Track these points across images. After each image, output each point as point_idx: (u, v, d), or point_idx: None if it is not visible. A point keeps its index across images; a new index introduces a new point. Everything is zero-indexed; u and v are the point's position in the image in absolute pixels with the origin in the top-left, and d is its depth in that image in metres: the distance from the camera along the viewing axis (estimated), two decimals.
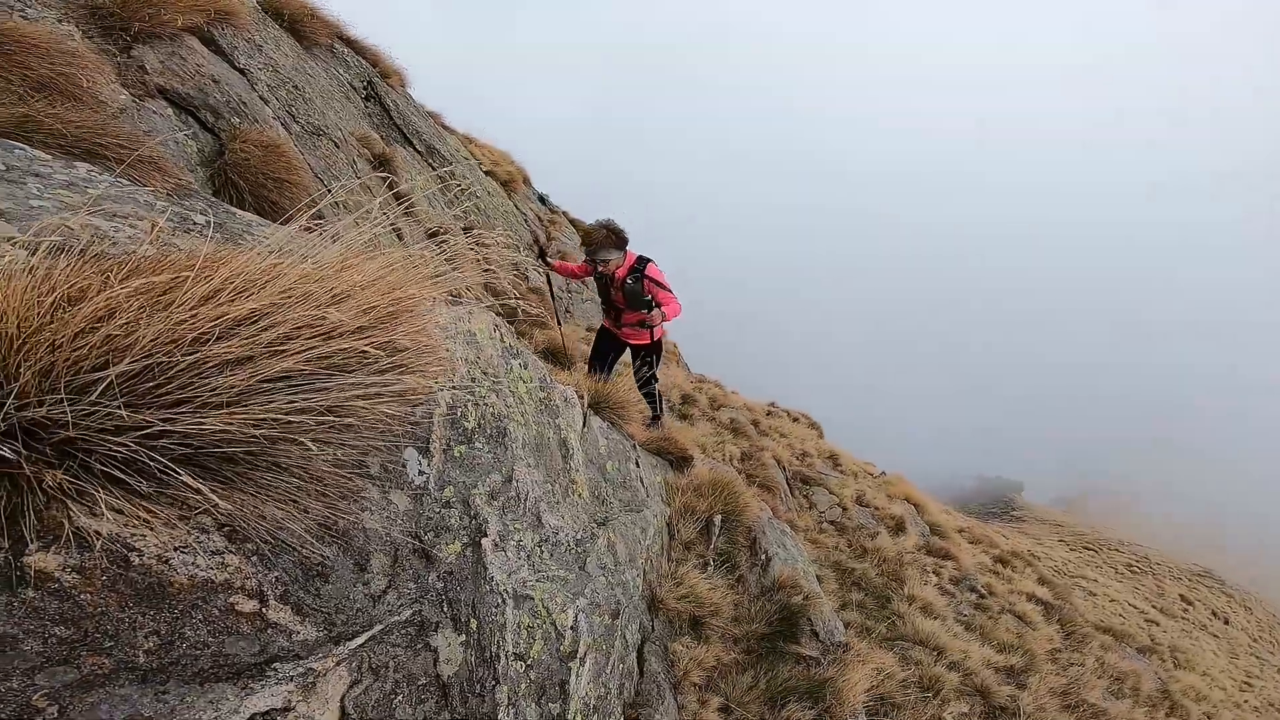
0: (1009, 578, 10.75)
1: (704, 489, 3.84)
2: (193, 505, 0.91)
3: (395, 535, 1.41)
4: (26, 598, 0.83)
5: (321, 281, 1.00)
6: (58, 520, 0.84)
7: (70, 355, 0.78)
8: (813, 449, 10.82)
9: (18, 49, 3.01)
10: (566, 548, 2.06)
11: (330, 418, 0.99)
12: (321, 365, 0.95)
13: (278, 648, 1.10)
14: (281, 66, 5.48)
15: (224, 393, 0.84)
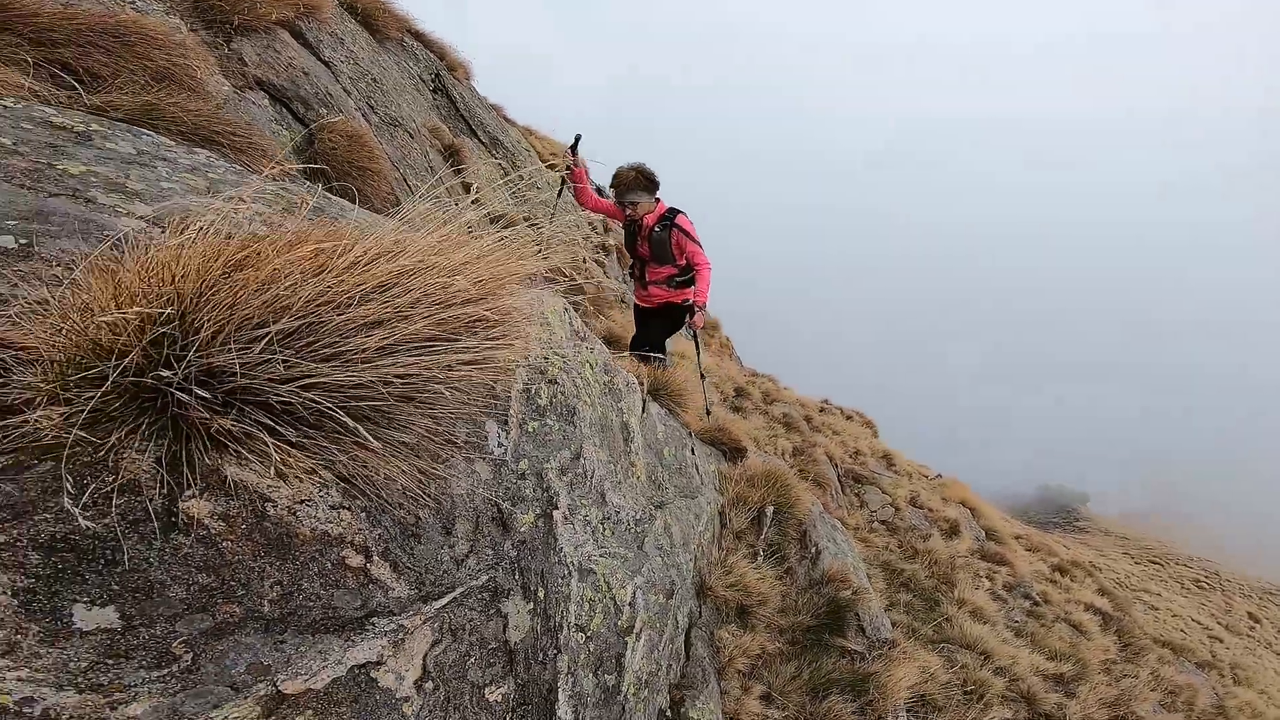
0: (1066, 587, 10.45)
1: (757, 480, 3.88)
2: (325, 458, 1.03)
3: (477, 502, 1.52)
4: (178, 543, 0.95)
5: (440, 254, 1.10)
6: (211, 468, 0.96)
7: (241, 313, 0.90)
8: (866, 448, 10.70)
9: (139, 41, 3.24)
10: (627, 526, 2.15)
11: (445, 383, 1.09)
12: (441, 330, 1.06)
13: (376, 603, 1.22)
14: (360, 59, 5.72)
15: (364, 351, 0.95)
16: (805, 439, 8.38)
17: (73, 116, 2.25)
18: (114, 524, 0.88)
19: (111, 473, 0.90)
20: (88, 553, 0.87)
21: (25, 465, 0.86)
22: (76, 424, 0.86)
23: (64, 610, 0.83)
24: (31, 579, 0.82)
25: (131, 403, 0.90)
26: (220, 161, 2.32)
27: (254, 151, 2.44)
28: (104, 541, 0.88)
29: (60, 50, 2.94)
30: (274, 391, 0.92)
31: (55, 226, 1.59)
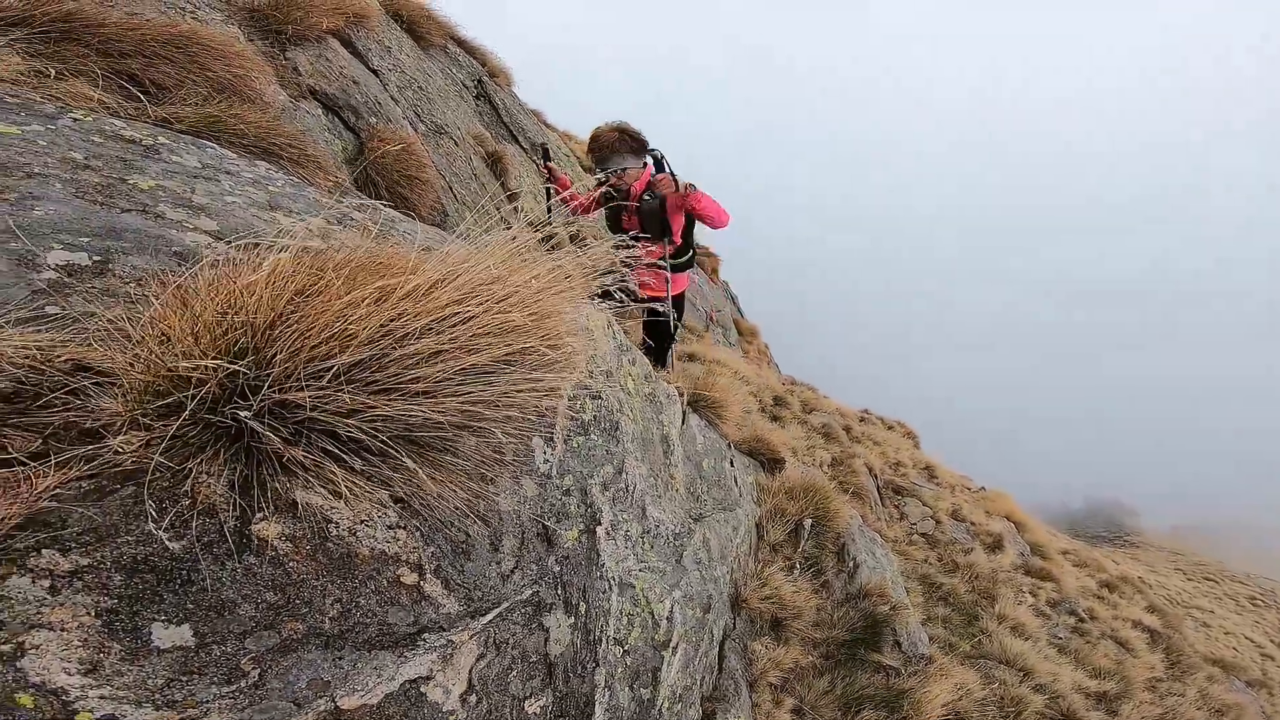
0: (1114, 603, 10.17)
1: (795, 492, 3.86)
2: (385, 481, 1.07)
3: (524, 519, 1.56)
4: (249, 563, 1.00)
5: (497, 283, 1.13)
6: (279, 491, 1.01)
7: (310, 345, 0.94)
8: (907, 459, 10.54)
9: (201, 52, 3.33)
10: (666, 540, 2.17)
11: (498, 410, 1.13)
12: (497, 362, 1.09)
13: (427, 619, 1.26)
14: (407, 67, 5.83)
15: (424, 383, 0.99)
16: (844, 449, 8.29)
17: (140, 129, 2.35)
18: (191, 546, 0.93)
19: (188, 497, 0.94)
20: (166, 574, 0.92)
21: (108, 490, 0.91)
22: (158, 451, 0.91)
23: (144, 629, 0.88)
24: (114, 599, 0.87)
25: (207, 430, 0.95)
26: (279, 174, 2.40)
27: (310, 164, 2.52)
28: (181, 563, 0.93)
29: (127, 61, 3.05)
30: (342, 424, 0.96)
31: (127, 243, 1.67)
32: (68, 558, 0.84)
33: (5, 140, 1.87)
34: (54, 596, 0.82)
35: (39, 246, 1.53)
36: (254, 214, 2.04)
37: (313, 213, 2.20)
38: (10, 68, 2.46)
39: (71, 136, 2.07)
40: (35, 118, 2.09)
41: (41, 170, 1.80)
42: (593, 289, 1.55)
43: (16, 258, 1.49)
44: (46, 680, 0.80)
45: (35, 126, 2.02)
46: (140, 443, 0.94)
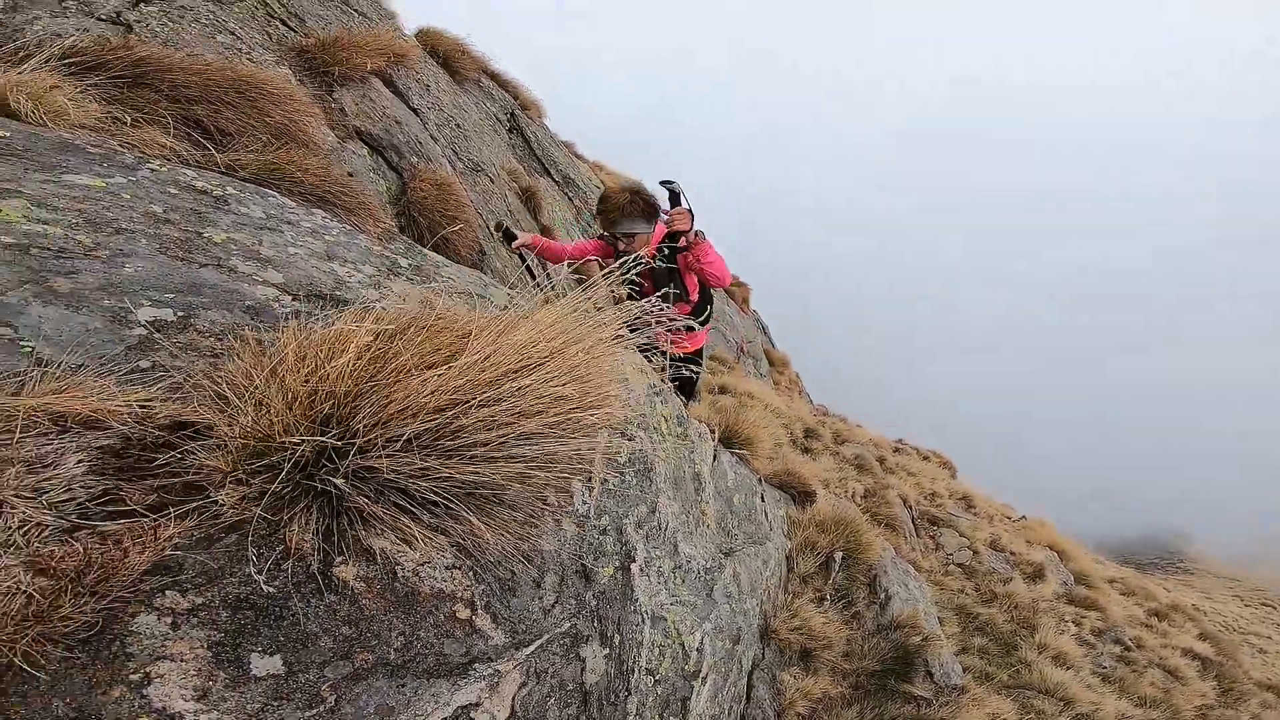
0: (1164, 631, 9.92)
1: (826, 525, 3.93)
2: (445, 530, 1.21)
3: (564, 557, 1.69)
4: (330, 601, 1.15)
5: (542, 345, 1.28)
6: (355, 539, 1.16)
7: (387, 414, 1.10)
8: (943, 489, 10.47)
9: (259, 97, 3.55)
10: (697, 575, 2.28)
11: (545, 470, 1.27)
12: (549, 428, 1.23)
13: (478, 650, 1.39)
14: (444, 105, 6.10)
15: (485, 448, 1.13)
16: (878, 480, 8.29)
17: (210, 179, 2.56)
18: (284, 586, 1.08)
19: (281, 544, 1.10)
20: (263, 610, 1.07)
21: (215, 538, 1.07)
22: (258, 507, 1.06)
23: (244, 659, 1.03)
24: (222, 633, 1.02)
25: (298, 488, 1.10)
26: (334, 223, 2.60)
27: (362, 211, 2.72)
28: (275, 601, 1.08)
29: (194, 107, 3.26)
30: (412, 484, 1.11)
31: (206, 298, 1.86)
32: (185, 597, 1.00)
33: (94, 194, 2.08)
34: (174, 631, 0.98)
35: (130, 303, 1.72)
36: (314, 265, 2.23)
37: (365, 261, 2.38)
38: (90, 114, 2.68)
39: (150, 189, 2.28)
40: (118, 169, 2.30)
41: (128, 225, 2.01)
42: (631, 344, 1.69)
43: (111, 314, 1.68)
44: (166, 706, 0.94)
45: (119, 179, 2.24)
46: (239, 496, 1.09)
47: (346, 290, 2.15)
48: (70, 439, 1.20)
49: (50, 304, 1.61)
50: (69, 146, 2.28)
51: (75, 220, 1.90)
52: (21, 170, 2.05)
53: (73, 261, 1.74)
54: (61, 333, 1.56)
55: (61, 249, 1.77)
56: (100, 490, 1.06)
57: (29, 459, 1.11)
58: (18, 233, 1.76)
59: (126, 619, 0.93)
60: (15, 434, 1.14)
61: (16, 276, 1.64)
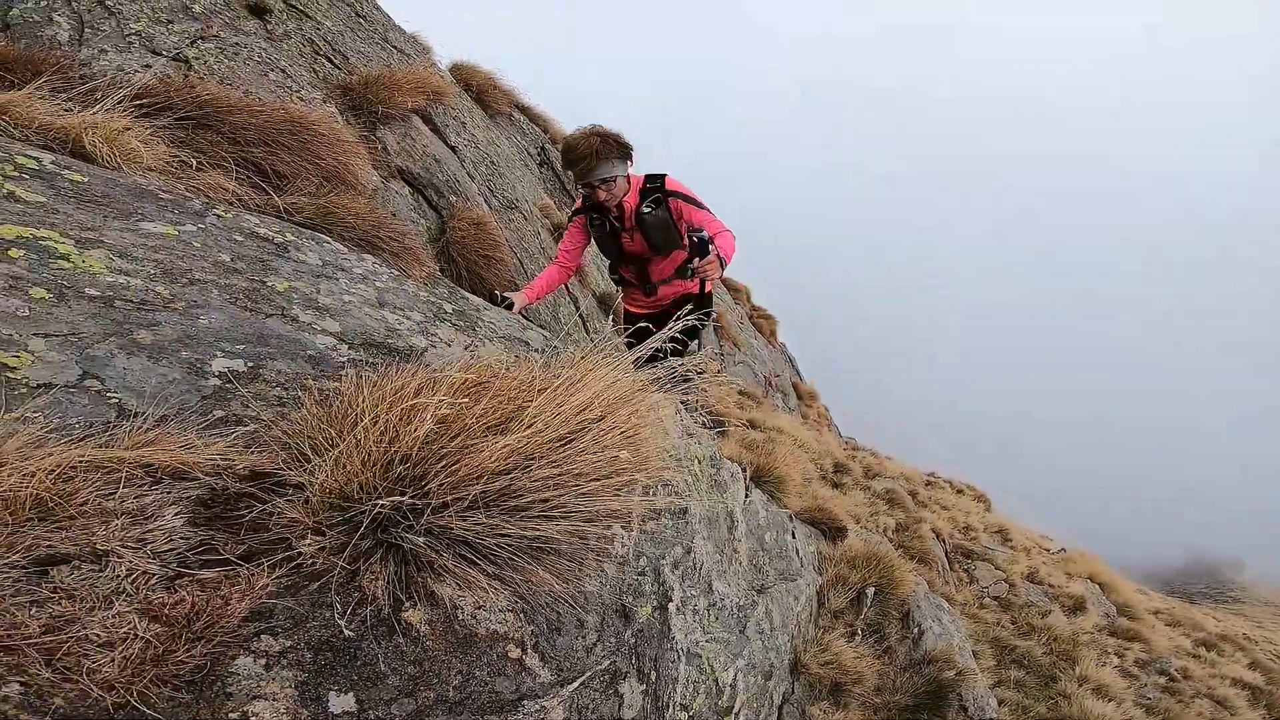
0: (1212, 661, 9.65)
1: (858, 561, 3.97)
2: (504, 579, 1.32)
3: (605, 598, 1.78)
4: (398, 643, 1.26)
5: (595, 407, 1.39)
6: (421, 585, 1.27)
7: (457, 477, 1.22)
8: (977, 522, 10.36)
9: (312, 139, 3.71)
10: (730, 612, 2.36)
11: (597, 524, 1.38)
12: (601, 484, 1.34)
13: (526, 687, 1.49)
14: (479, 141, 6.32)
15: (544, 506, 1.24)
16: (910, 515, 8.25)
17: (270, 225, 2.73)
18: (359, 629, 1.19)
19: (358, 591, 1.21)
20: (341, 652, 1.18)
21: (300, 586, 1.19)
22: (340, 558, 1.18)
23: (324, 697, 1.14)
24: (306, 674, 1.13)
25: (375, 540, 1.22)
26: (383, 268, 2.76)
27: (408, 256, 2.87)
28: (350, 643, 1.19)
29: (252, 150, 3.43)
30: (478, 539, 1.22)
31: (272, 348, 2.00)
32: (277, 641, 1.11)
33: (168, 243, 2.24)
34: (267, 672, 1.09)
35: (205, 355, 1.86)
36: (366, 313, 2.37)
37: (413, 307, 2.53)
38: (158, 156, 2.86)
39: (218, 236, 2.44)
40: (188, 216, 2.46)
41: (201, 276, 2.16)
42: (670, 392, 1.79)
43: (188, 366, 1.83)
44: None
45: (189, 227, 2.40)
46: (318, 547, 1.21)
47: (397, 338, 2.29)
48: (163, 490, 1.33)
49: (134, 355, 1.76)
50: (143, 193, 2.45)
51: (153, 271, 2.05)
52: (101, 218, 2.21)
53: (153, 314, 1.89)
54: (144, 384, 1.70)
55: (142, 301, 1.92)
56: (197, 541, 1.19)
57: (132, 511, 1.24)
58: (101, 284, 1.91)
59: (228, 661, 1.05)
60: (119, 486, 1.28)
61: (103, 329, 1.79)
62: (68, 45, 3.55)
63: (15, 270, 1.78)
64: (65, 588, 1.05)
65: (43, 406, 1.47)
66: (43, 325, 1.67)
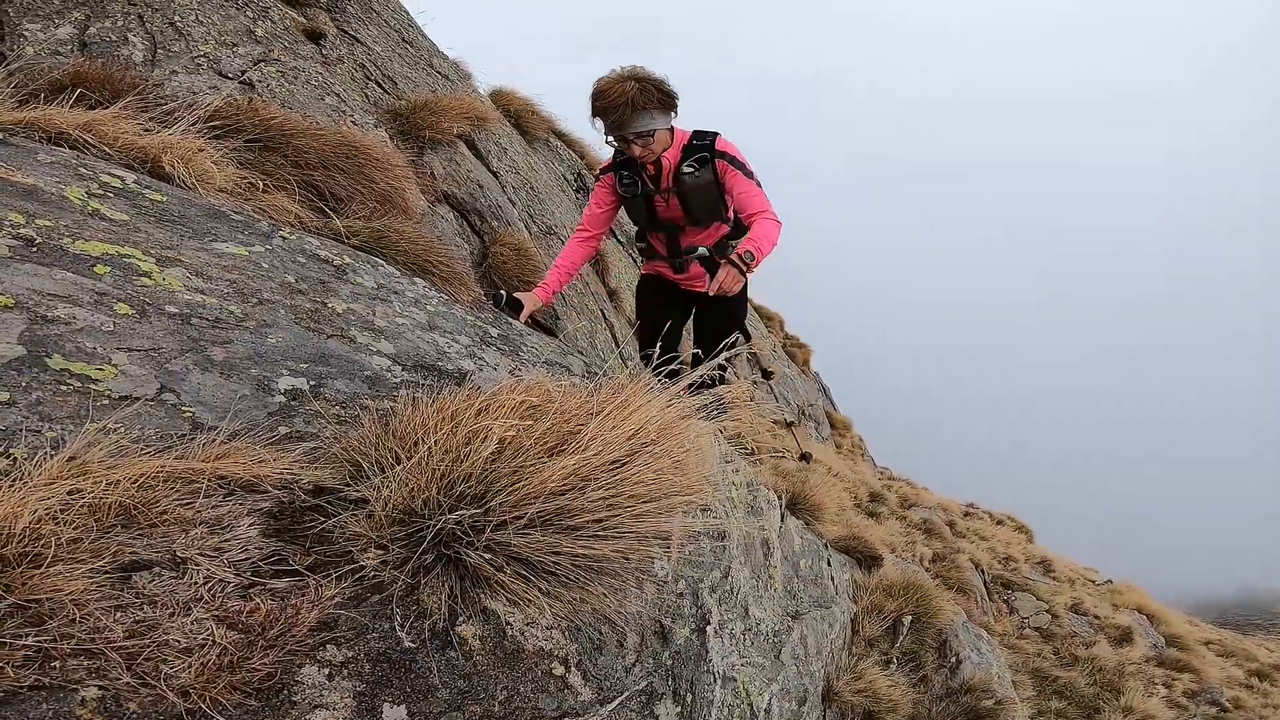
0: (1265, 691, 9.23)
1: (894, 589, 3.91)
2: (558, 596, 1.36)
3: (644, 619, 1.81)
4: (451, 657, 1.30)
5: (649, 430, 1.44)
6: (474, 600, 1.32)
7: (516, 498, 1.27)
8: (1019, 553, 10.12)
9: (366, 163, 3.83)
10: (765, 637, 2.36)
11: (647, 544, 1.42)
12: (651, 504, 1.39)
13: (567, 705, 1.51)
14: (520, 167, 6.46)
15: (599, 526, 1.29)
16: (947, 545, 8.10)
17: (330, 248, 2.84)
18: (415, 642, 1.24)
19: (416, 604, 1.27)
20: (397, 664, 1.22)
21: (362, 598, 1.24)
22: (403, 572, 1.24)
23: (379, 709, 1.17)
24: (365, 684, 1.18)
25: (434, 554, 1.28)
26: (433, 292, 2.85)
27: (456, 281, 2.96)
28: (407, 655, 1.24)
29: (312, 172, 3.57)
30: (535, 556, 1.27)
31: (333, 368, 2.09)
32: (340, 651, 1.17)
33: (240, 263, 2.35)
34: (330, 682, 1.14)
35: (273, 373, 1.96)
36: (418, 335, 2.46)
37: (461, 331, 2.61)
38: (229, 177, 2.99)
39: (284, 257, 2.55)
40: (256, 238, 2.58)
41: (269, 296, 2.26)
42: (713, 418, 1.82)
43: (257, 383, 1.92)
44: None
45: (258, 248, 2.51)
46: (380, 560, 1.27)
47: (446, 360, 2.36)
48: (236, 501, 1.41)
49: (207, 371, 1.85)
50: (216, 214, 2.58)
51: (226, 290, 2.16)
52: (179, 238, 2.33)
53: (226, 332, 2.00)
54: (217, 399, 1.79)
55: (216, 319, 2.02)
56: (270, 551, 1.25)
57: (209, 520, 1.31)
58: (179, 302, 2.02)
59: (295, 670, 1.10)
60: (197, 497, 1.36)
61: (179, 345, 1.89)
62: (141, 65, 3.75)
63: (101, 286, 1.89)
64: (147, 594, 1.11)
65: (124, 418, 1.56)
66: (125, 340, 1.77)
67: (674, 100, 3.04)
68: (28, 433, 1.41)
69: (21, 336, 1.60)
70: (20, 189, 2.10)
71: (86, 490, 1.16)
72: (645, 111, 2.94)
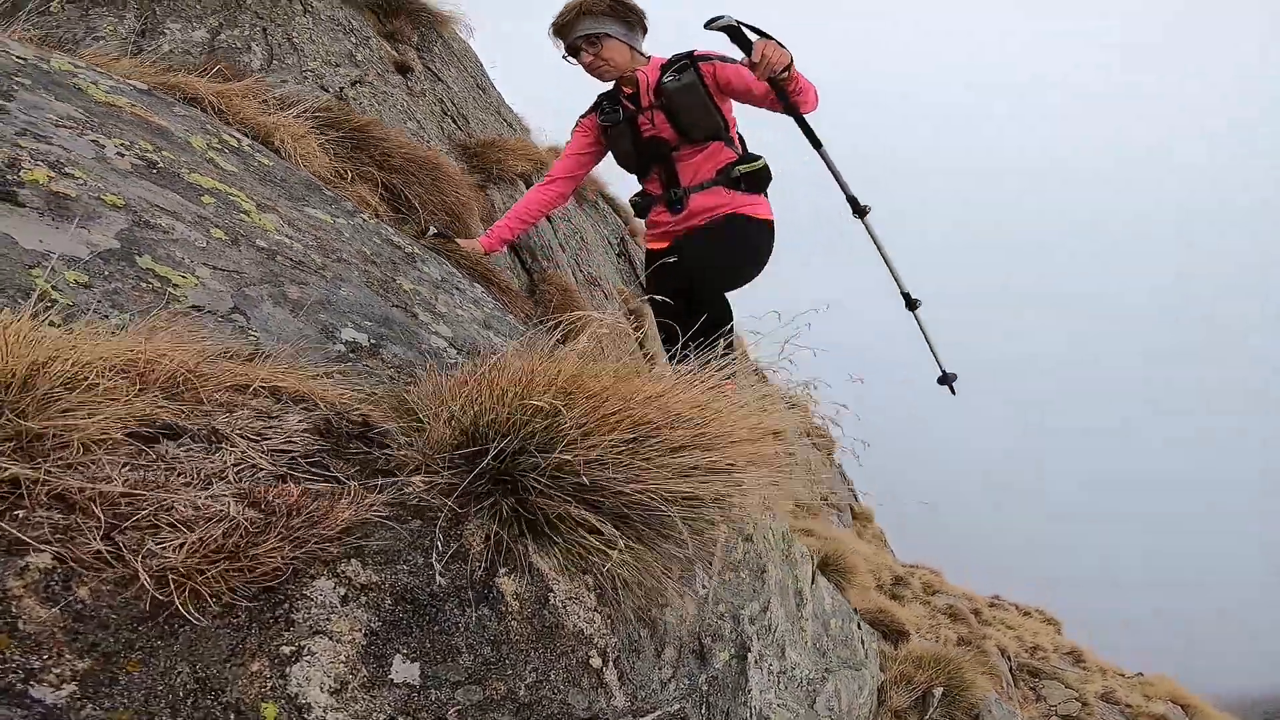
0: None
1: (924, 661, 3.48)
2: (614, 544, 1.14)
3: (683, 633, 1.55)
4: (482, 614, 1.05)
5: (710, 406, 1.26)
6: (521, 552, 1.10)
7: (591, 421, 1.08)
8: (1047, 643, 9.38)
9: (441, 178, 3.91)
10: (800, 684, 2.06)
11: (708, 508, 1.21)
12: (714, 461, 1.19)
13: (599, 708, 1.25)
14: (572, 216, 6.55)
15: (673, 469, 1.09)
16: (972, 630, 7.48)
17: (403, 239, 2.78)
18: (448, 586, 1.02)
19: (456, 540, 1.05)
20: (420, 609, 0.98)
21: (401, 520, 1.04)
22: (451, 499, 1.04)
23: (388, 660, 0.92)
24: (380, 622, 0.92)
25: (492, 481, 1.08)
26: (489, 298, 2.74)
27: (512, 294, 2.87)
28: (435, 600, 1.01)
29: (393, 176, 3.65)
30: (605, 489, 1.06)
31: (393, 333, 1.96)
32: (364, 571, 0.94)
33: (325, 227, 2.29)
34: (343, 606, 0.90)
35: (339, 322, 1.83)
36: (475, 329, 2.33)
37: (514, 335, 2.48)
38: (324, 165, 3.03)
39: (364, 233, 2.50)
40: (342, 213, 2.54)
41: (347, 257, 2.18)
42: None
43: (322, 327, 1.79)
44: (300, 694, 0.82)
45: (341, 220, 2.46)
46: (427, 485, 1.07)
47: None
48: (284, 406, 1.24)
49: (279, 306, 1.73)
50: (311, 185, 2.57)
51: (311, 242, 2.09)
52: (277, 195, 2.31)
53: (305, 274, 1.89)
54: (283, 333, 1.66)
55: (299, 261, 1.93)
56: (314, 449, 1.07)
57: (256, 407, 1.14)
58: (270, 240, 1.95)
59: (307, 579, 0.88)
60: (246, 392, 1.19)
61: (260, 274, 1.79)
62: (258, 70, 3.93)
63: (204, 212, 1.84)
64: (168, 458, 0.92)
65: (191, 323, 1.43)
66: (213, 259, 1.69)
67: (634, 16, 2.68)
68: (95, 315, 1.28)
69: (120, 234, 1.54)
70: (153, 127, 2.12)
71: (137, 350, 1.00)
72: (593, 16, 2.63)
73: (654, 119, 2.72)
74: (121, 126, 1.98)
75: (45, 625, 0.67)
